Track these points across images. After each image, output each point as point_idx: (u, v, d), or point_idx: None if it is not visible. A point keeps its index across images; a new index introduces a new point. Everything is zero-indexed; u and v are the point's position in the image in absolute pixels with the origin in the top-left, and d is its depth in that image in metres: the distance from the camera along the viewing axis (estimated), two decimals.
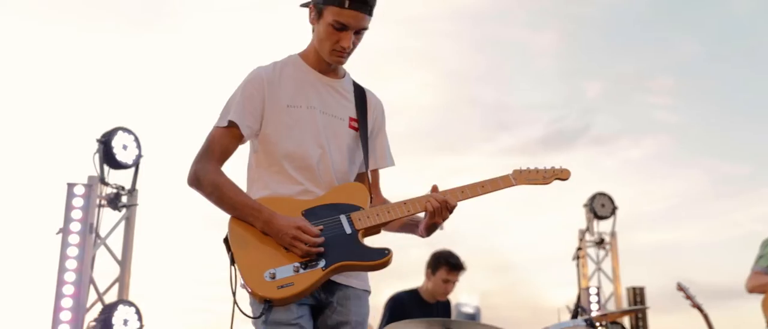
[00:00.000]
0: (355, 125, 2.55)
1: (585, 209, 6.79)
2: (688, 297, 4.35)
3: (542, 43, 9.34)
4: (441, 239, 5.20)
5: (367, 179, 2.52)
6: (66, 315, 4.43)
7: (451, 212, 2.43)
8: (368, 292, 2.54)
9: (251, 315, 2.33)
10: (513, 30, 9.06)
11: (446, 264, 5.09)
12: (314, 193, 2.43)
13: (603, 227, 6.91)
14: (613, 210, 6.86)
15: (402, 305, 5.03)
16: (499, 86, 9.11)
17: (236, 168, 2.48)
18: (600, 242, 6.81)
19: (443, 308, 5.27)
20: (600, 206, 6.82)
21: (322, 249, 2.31)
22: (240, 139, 2.44)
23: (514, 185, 2.55)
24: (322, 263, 2.32)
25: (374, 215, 2.40)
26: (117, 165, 4.98)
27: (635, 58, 9.42)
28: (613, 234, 6.86)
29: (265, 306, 2.25)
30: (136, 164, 5.03)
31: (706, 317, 4.24)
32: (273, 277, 2.26)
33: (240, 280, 2.30)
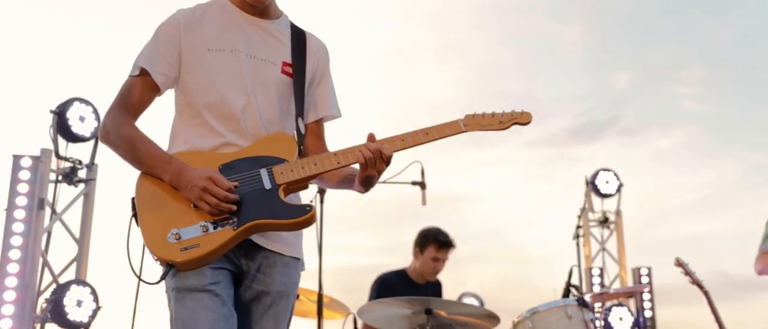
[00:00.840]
0: (290, 70, 2.27)
1: (586, 186, 6.36)
2: (687, 272, 3.96)
3: (569, 35, 9.23)
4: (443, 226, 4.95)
5: (299, 130, 2.24)
6: (10, 295, 4.12)
7: (387, 163, 2.15)
8: (298, 260, 2.25)
9: (152, 281, 2.06)
10: (539, 22, 8.90)
11: (435, 242, 4.81)
12: (238, 146, 2.18)
13: (607, 205, 6.48)
14: (619, 187, 6.43)
15: (389, 286, 4.73)
16: (526, 79, 9.00)
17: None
18: (604, 221, 6.39)
19: (433, 288, 4.96)
20: (604, 183, 6.38)
21: (234, 207, 2.05)
22: (155, 89, 2.20)
23: (464, 131, 2.28)
24: (234, 222, 2.06)
25: (299, 168, 2.17)
26: (73, 138, 4.67)
27: (665, 48, 9.21)
28: (618, 213, 6.43)
29: (166, 270, 2.00)
30: (94, 137, 4.72)
31: (706, 294, 3.86)
32: (177, 238, 2.03)
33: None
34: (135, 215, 2.07)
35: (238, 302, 2.16)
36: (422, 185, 4.53)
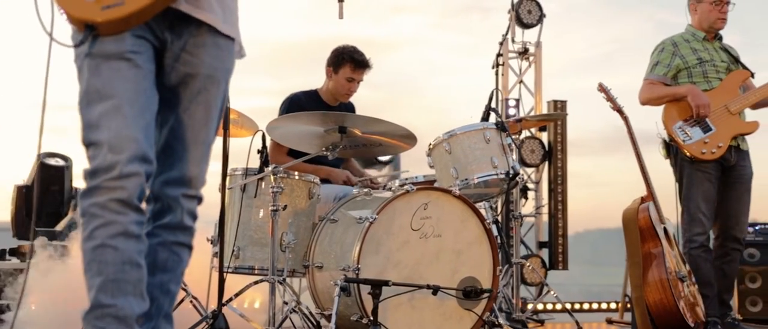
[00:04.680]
0: None
1: (509, 15, 6.14)
2: (610, 98, 3.87)
3: None
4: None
5: None
6: None
7: None
8: (232, 40, 1.95)
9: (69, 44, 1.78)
10: None
11: (351, 61, 4.54)
12: None
13: (528, 36, 6.33)
14: (541, 18, 6.25)
15: (300, 105, 4.47)
16: None
17: None
18: (523, 52, 6.25)
19: (346, 110, 4.74)
20: (526, 13, 6.18)
21: None
22: None
23: None
24: None
25: None
26: None
27: None
28: (538, 45, 6.29)
29: (86, 33, 1.71)
30: None
31: (625, 119, 3.79)
32: None
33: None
34: None
35: (160, 85, 1.89)
36: None
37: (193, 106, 1.93)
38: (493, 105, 4.12)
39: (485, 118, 4.10)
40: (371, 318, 3.26)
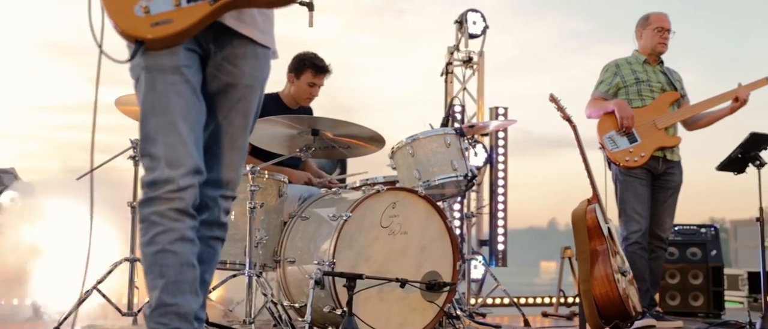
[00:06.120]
0: None
1: (456, 25, 6.48)
2: (560, 108, 4.22)
3: None
4: None
5: None
6: None
7: None
8: (269, 49, 2.12)
9: (121, 59, 1.92)
10: None
11: (312, 67, 4.75)
12: None
13: (472, 46, 6.68)
14: (484, 29, 6.60)
15: (265, 107, 4.62)
16: None
17: None
18: (468, 61, 6.59)
19: (305, 113, 4.94)
20: (471, 24, 6.53)
21: None
22: None
23: None
24: None
25: None
26: None
27: None
28: (481, 54, 6.65)
29: (136, 47, 1.85)
30: None
31: (574, 128, 4.15)
32: (146, 11, 1.85)
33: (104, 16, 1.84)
34: None
35: (203, 92, 2.05)
36: (310, 6, 4.38)
37: (232, 113, 2.09)
38: (454, 111, 4.40)
39: (445, 124, 4.39)
40: (345, 309, 3.48)
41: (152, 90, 1.93)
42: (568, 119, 4.22)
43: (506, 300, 6.08)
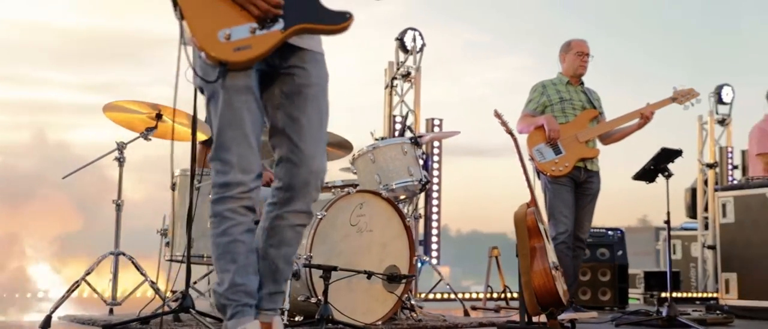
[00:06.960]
0: None
1: (396, 42, 7.02)
2: (503, 123, 4.77)
3: None
4: None
5: None
6: None
7: None
8: (323, 54, 2.49)
9: (202, 75, 2.25)
10: None
11: None
12: None
13: (411, 61, 7.21)
14: (422, 47, 7.15)
15: None
16: None
17: None
18: (406, 76, 7.12)
19: None
20: (410, 41, 7.07)
21: (280, 11, 2.24)
22: None
23: None
24: (280, 25, 2.24)
25: None
26: None
27: None
28: (418, 69, 7.19)
29: (222, 69, 2.16)
30: None
31: (515, 140, 4.71)
32: (228, 38, 2.16)
33: (191, 40, 2.17)
34: (179, 9, 2.16)
35: (271, 95, 2.40)
36: None
37: (309, 108, 2.38)
38: (408, 123, 4.92)
39: (401, 134, 4.89)
40: (320, 298, 3.91)
41: (229, 107, 2.29)
42: (510, 132, 4.79)
43: (439, 296, 6.65)
